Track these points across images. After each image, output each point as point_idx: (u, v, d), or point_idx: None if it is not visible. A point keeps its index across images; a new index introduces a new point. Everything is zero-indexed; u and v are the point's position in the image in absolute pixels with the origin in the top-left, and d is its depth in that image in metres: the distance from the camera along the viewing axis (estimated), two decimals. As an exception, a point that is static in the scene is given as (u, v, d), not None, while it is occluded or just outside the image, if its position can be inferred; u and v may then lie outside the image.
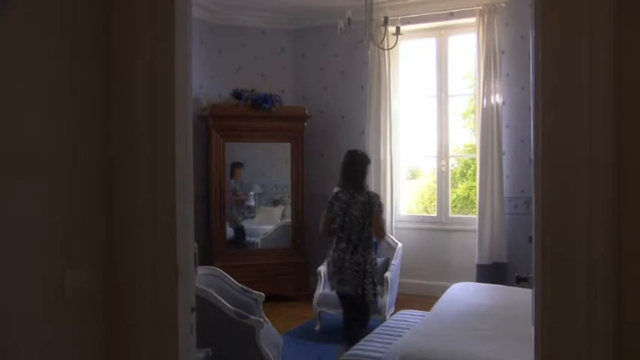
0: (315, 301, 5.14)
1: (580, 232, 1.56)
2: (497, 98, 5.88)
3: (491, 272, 5.81)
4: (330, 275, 4.36)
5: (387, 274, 4.98)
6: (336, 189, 4.31)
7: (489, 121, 5.89)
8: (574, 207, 1.57)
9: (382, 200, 6.01)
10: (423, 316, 4.28)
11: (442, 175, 6.61)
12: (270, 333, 3.67)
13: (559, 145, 1.59)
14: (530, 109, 1.74)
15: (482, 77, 5.91)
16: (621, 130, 1.53)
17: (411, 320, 4.30)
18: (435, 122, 6.58)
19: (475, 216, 6.15)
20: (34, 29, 1.76)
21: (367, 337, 3.96)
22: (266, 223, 6.82)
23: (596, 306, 1.54)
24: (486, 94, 5.90)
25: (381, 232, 4.35)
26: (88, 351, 1.94)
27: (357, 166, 4.27)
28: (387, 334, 3.97)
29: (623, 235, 1.54)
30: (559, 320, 1.60)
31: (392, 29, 5.42)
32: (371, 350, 3.65)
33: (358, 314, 4.36)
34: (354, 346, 3.79)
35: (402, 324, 4.23)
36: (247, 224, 6.76)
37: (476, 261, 5.90)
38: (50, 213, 1.81)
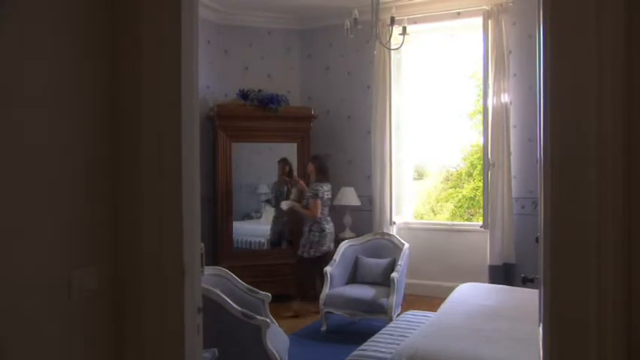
0: (321, 301, 5.14)
1: (589, 232, 1.54)
2: (504, 98, 5.85)
3: (499, 273, 5.78)
4: None
5: (394, 275, 4.97)
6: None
7: (497, 120, 5.85)
8: (582, 207, 1.55)
9: (386, 200, 6.32)
10: (429, 316, 4.27)
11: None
12: (276, 333, 3.67)
13: (567, 145, 1.57)
14: (537, 108, 1.73)
15: (489, 77, 5.87)
16: (631, 129, 1.52)
17: (417, 321, 4.29)
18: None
19: (478, 223, 6.11)
20: (37, 28, 1.76)
21: (373, 338, 3.95)
22: (273, 223, 6.82)
23: (606, 307, 1.52)
24: (494, 93, 5.87)
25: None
26: (94, 351, 1.94)
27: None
28: (393, 335, 3.96)
29: (633, 235, 1.52)
30: (567, 321, 1.59)
31: (398, 29, 5.41)
32: (377, 350, 3.64)
33: None
34: (360, 347, 3.79)
35: (407, 324, 4.22)
36: (254, 224, 6.77)
37: (488, 262, 5.87)
38: (56, 213, 1.81)
